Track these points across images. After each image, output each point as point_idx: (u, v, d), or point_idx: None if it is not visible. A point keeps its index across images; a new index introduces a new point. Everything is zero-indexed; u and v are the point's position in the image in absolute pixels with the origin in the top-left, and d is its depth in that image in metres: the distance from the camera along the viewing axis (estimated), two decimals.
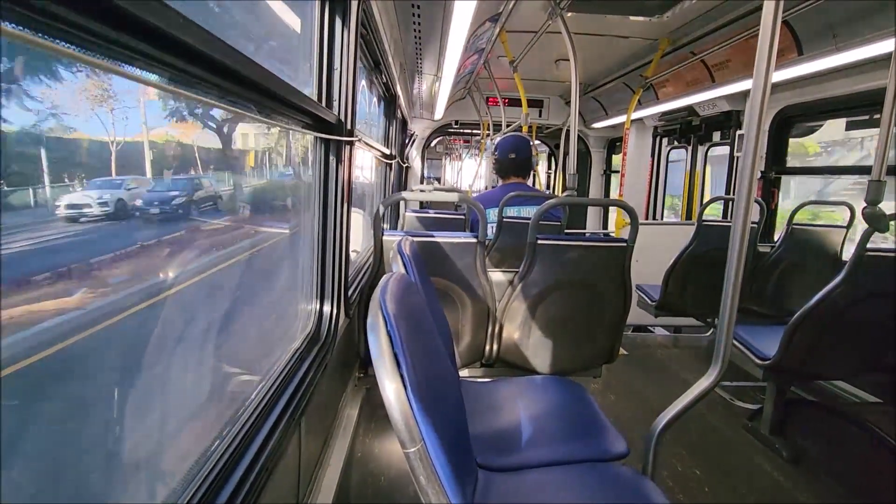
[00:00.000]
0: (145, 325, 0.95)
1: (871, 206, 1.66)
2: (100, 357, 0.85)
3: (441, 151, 13.54)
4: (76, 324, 0.77)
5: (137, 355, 0.93)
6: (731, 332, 1.25)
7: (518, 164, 2.82)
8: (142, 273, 1.00)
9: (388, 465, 1.97)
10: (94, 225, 0.85)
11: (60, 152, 0.75)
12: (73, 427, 0.78)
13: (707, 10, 2.72)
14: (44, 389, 0.71)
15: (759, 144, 1.15)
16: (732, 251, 1.19)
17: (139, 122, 0.92)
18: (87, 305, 0.82)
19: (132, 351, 0.93)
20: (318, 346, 1.50)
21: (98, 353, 0.84)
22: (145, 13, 0.52)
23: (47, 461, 0.69)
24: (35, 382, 0.69)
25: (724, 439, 2.30)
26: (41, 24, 0.43)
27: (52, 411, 0.72)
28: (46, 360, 0.70)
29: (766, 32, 1.08)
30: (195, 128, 1.20)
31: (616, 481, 1.22)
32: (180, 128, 1.13)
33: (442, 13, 2.09)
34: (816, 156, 5.28)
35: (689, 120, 4.36)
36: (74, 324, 0.77)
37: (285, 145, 1.75)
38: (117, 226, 0.96)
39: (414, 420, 0.70)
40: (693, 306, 3.07)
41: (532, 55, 3.56)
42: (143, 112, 0.94)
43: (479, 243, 1.95)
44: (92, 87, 0.79)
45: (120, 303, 0.88)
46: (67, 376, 0.78)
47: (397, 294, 0.86)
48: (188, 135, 1.17)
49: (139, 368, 0.93)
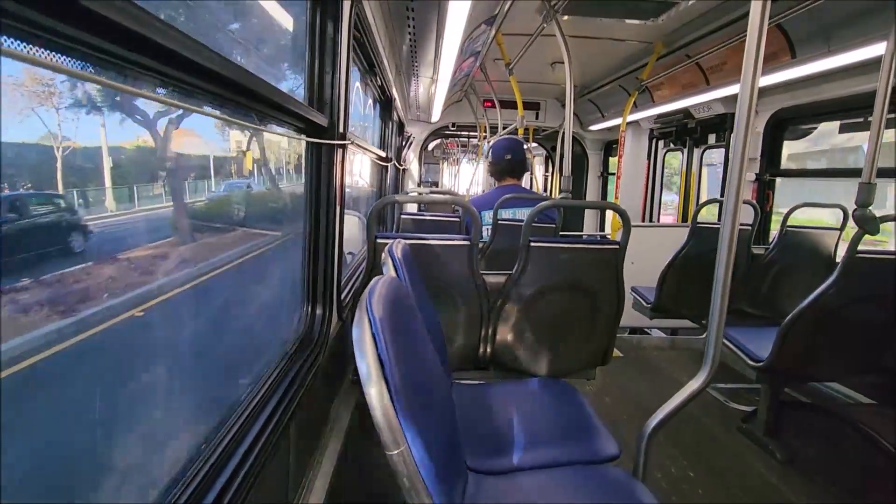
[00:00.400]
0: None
1: (861, 208, 1.67)
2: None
3: (438, 156, 13.56)
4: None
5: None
6: (722, 333, 1.26)
7: (513, 165, 2.85)
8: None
9: (381, 468, 1.97)
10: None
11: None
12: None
13: (701, 13, 2.74)
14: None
15: (752, 147, 1.15)
16: (721, 253, 1.20)
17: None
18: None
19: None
20: (310, 348, 1.49)
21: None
22: (130, 21, 0.52)
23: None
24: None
25: (719, 441, 2.31)
26: (27, 35, 0.43)
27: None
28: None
29: (754, 35, 1.09)
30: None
31: (606, 483, 1.22)
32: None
33: (436, 16, 2.09)
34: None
35: (685, 122, 4.37)
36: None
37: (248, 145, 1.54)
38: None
39: (397, 422, 0.70)
40: (688, 308, 3.08)
41: (528, 58, 3.58)
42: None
43: (472, 246, 1.95)
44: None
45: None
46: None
47: (385, 297, 0.86)
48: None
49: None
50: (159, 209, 1.04)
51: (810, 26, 2.40)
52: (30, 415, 0.69)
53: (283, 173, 1.82)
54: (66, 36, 0.47)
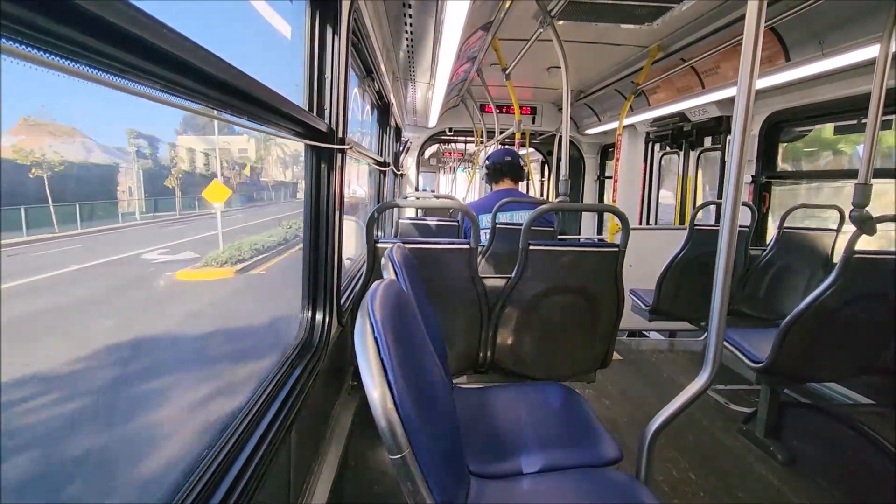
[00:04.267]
0: None
1: (858, 209, 1.68)
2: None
3: (435, 165, 13.63)
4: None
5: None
6: (722, 334, 1.26)
7: (512, 167, 2.89)
8: None
9: (382, 474, 1.96)
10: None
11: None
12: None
13: (696, 17, 2.76)
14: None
15: (748, 149, 1.16)
16: (720, 254, 1.21)
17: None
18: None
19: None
20: (310, 353, 1.49)
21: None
22: (135, 27, 0.53)
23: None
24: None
25: (719, 443, 2.30)
26: (32, 38, 0.44)
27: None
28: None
29: (750, 38, 1.10)
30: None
31: (610, 486, 1.22)
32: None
33: (434, 21, 2.10)
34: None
35: (681, 125, 4.40)
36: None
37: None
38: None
39: (401, 427, 0.69)
40: (687, 310, 3.08)
41: (524, 63, 3.60)
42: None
43: (471, 250, 1.95)
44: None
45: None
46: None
47: (386, 301, 0.86)
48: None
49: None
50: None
51: (803, 29, 2.42)
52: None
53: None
54: (72, 40, 0.48)
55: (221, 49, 0.75)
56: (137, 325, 1.47)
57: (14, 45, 0.42)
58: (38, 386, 0.98)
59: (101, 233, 1.41)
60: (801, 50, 2.50)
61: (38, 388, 0.97)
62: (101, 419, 1.12)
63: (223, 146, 2.17)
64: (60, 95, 0.72)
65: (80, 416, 1.06)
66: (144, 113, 1.00)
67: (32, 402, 0.91)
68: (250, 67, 0.88)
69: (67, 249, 1.31)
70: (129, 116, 1.19)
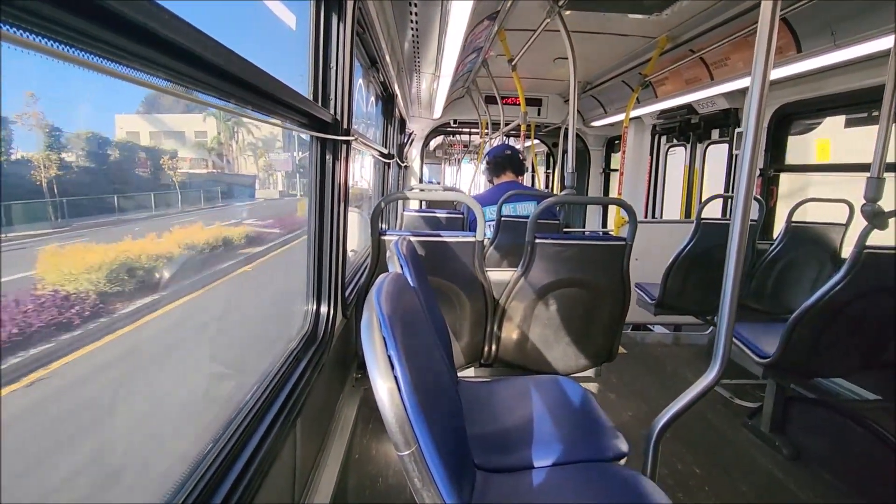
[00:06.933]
0: None
1: (870, 203, 1.66)
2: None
3: (440, 156, 13.56)
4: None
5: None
6: (732, 330, 1.24)
7: (512, 160, 2.89)
8: None
9: (386, 467, 1.97)
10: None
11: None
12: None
13: (706, 7, 2.71)
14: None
15: (759, 141, 1.14)
16: (731, 248, 1.19)
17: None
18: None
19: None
20: (315, 346, 1.49)
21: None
22: (142, 16, 0.52)
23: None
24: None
25: (725, 437, 2.30)
26: (38, 25, 0.43)
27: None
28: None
29: (765, 29, 1.07)
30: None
31: (616, 481, 1.21)
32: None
33: (440, 11, 2.07)
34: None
35: (688, 118, 4.35)
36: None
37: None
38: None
39: (408, 422, 0.69)
40: (692, 304, 3.07)
41: (531, 53, 3.55)
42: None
43: (477, 242, 1.94)
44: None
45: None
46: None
47: (392, 294, 0.85)
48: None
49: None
50: None
51: (816, 20, 2.38)
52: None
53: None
54: (77, 29, 0.48)
55: (226, 38, 0.74)
56: None
57: (12, 32, 0.41)
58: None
59: None
60: (813, 41, 2.45)
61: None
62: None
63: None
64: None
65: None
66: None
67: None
68: (255, 57, 0.87)
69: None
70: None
